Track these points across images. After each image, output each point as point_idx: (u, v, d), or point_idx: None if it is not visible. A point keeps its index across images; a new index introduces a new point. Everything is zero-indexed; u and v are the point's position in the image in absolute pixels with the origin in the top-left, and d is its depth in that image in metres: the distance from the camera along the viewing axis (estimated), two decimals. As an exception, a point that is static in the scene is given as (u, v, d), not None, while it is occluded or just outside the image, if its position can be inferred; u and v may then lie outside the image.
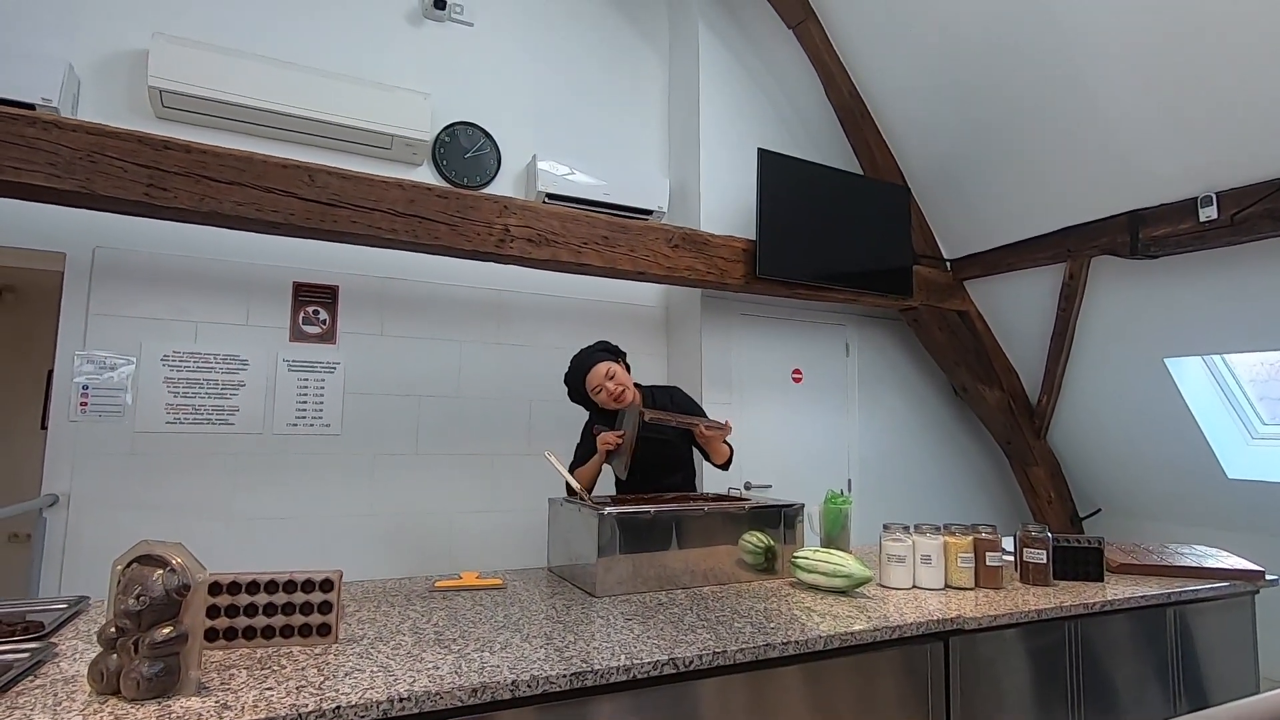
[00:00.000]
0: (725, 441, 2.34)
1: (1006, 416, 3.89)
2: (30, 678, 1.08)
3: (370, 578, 1.92)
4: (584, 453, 2.37)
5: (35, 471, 3.30)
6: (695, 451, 2.45)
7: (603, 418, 2.36)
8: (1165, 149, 2.77)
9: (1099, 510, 3.94)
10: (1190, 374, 3.26)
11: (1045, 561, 1.92)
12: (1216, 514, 3.37)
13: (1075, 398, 3.67)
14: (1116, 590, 1.89)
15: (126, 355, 2.71)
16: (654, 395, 2.44)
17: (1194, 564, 2.08)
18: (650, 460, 2.35)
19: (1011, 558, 2.06)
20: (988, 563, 1.86)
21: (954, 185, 3.58)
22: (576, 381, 2.34)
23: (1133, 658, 1.88)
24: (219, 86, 2.72)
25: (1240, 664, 2.06)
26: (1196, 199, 2.77)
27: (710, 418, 2.31)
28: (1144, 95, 2.68)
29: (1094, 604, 1.78)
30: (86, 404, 2.65)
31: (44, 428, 4.36)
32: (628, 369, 2.38)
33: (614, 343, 2.43)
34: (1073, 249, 3.25)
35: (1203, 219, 2.74)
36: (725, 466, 2.42)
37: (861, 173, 3.81)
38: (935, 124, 3.44)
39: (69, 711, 0.95)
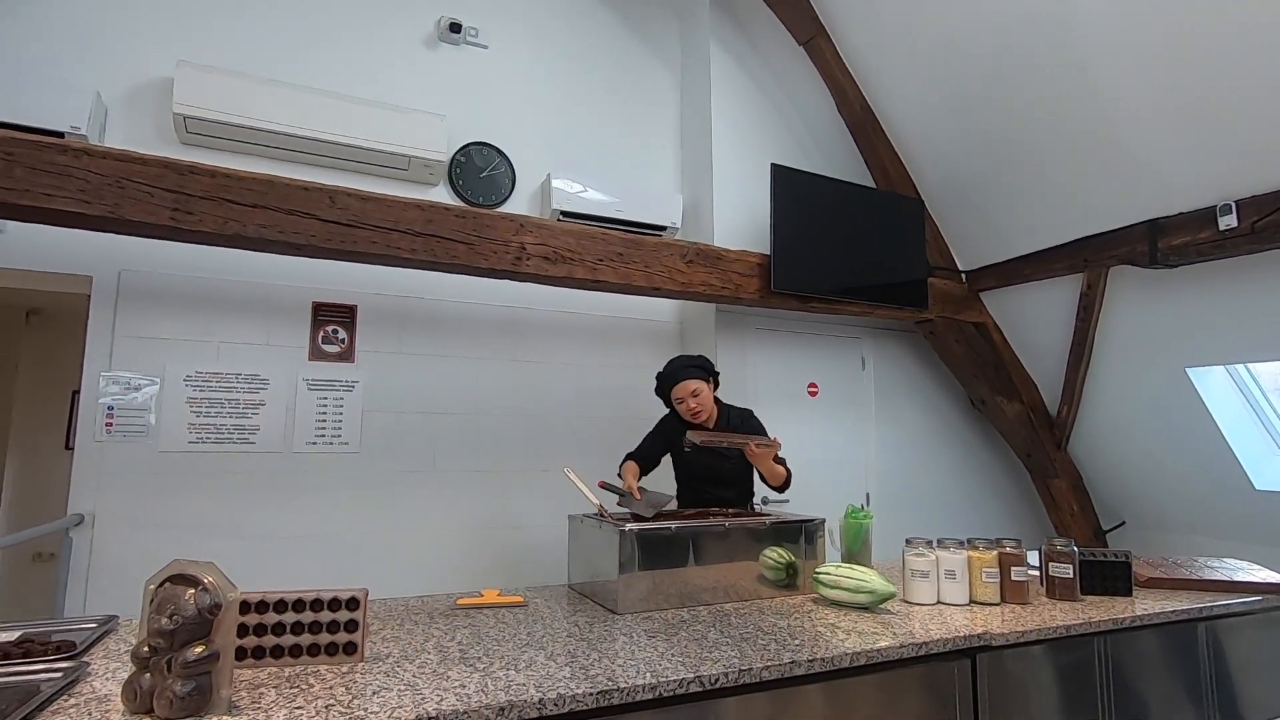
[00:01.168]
0: (783, 464, 2.39)
1: (1026, 429, 3.85)
2: (64, 697, 1.09)
3: (390, 595, 1.92)
4: (648, 444, 2.56)
5: (59, 491, 3.35)
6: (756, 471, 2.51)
7: (678, 420, 2.51)
8: (1182, 157, 2.76)
9: (1123, 523, 3.88)
10: (1214, 384, 3.21)
11: (1072, 576, 1.90)
12: (1245, 526, 3.31)
13: (1096, 409, 3.63)
14: (1146, 605, 1.86)
15: (150, 376, 2.75)
16: (729, 415, 2.53)
17: (1225, 578, 2.04)
18: (705, 474, 2.45)
19: (1037, 572, 2.03)
20: (1013, 577, 1.84)
21: (968, 197, 3.58)
22: (665, 386, 2.49)
23: (1165, 674, 1.84)
24: (241, 112, 2.78)
25: (1276, 681, 2.01)
26: (1215, 207, 2.75)
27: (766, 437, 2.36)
28: (1160, 104, 2.68)
29: (1123, 619, 1.75)
30: (112, 424, 2.69)
31: (69, 448, 4.45)
32: (716, 386, 2.50)
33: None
34: (1090, 259, 3.23)
35: (1222, 227, 2.71)
36: (782, 489, 2.44)
37: (875, 186, 3.82)
38: (948, 136, 3.44)
39: (104, 731, 0.96)
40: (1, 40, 2.66)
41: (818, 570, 1.86)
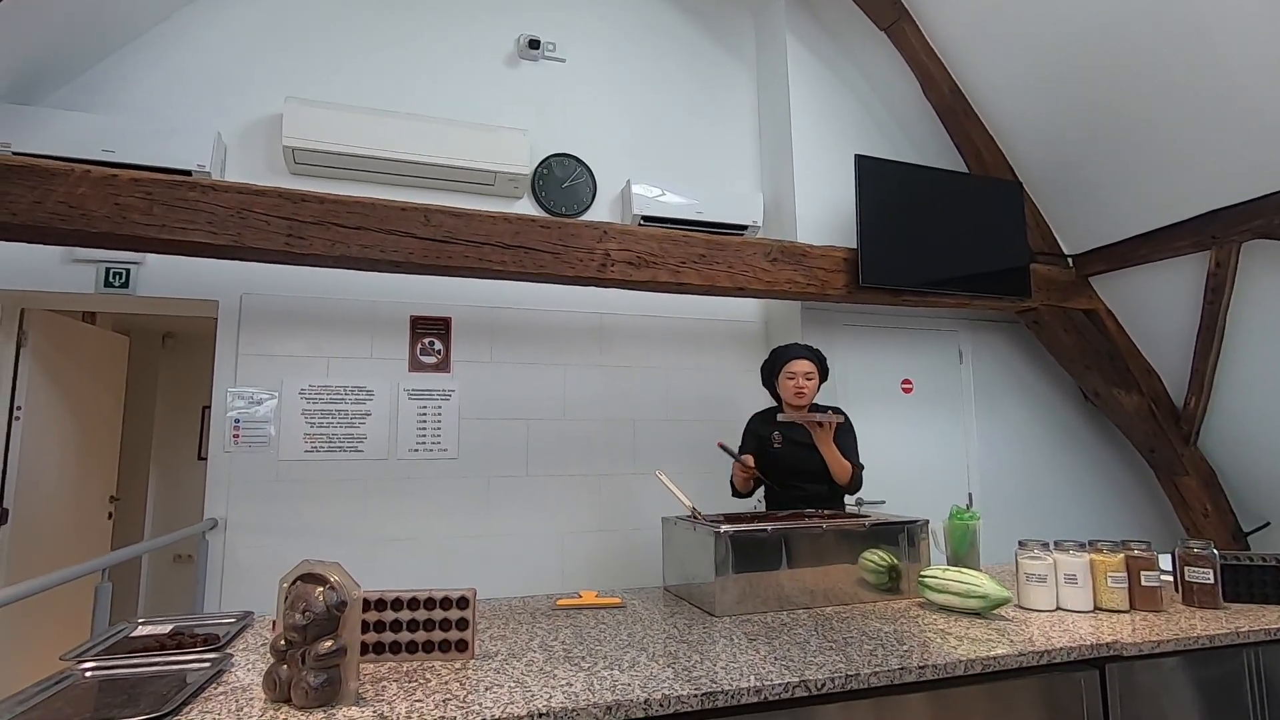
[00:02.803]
0: (856, 465, 2.35)
1: (1148, 423, 3.56)
2: (213, 685, 1.19)
3: (489, 596, 1.99)
4: (744, 450, 2.54)
5: (194, 498, 3.67)
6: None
7: (761, 420, 2.54)
8: (1326, 117, 2.48)
9: (1268, 524, 3.51)
10: (1375, 367, 2.87)
11: (1213, 581, 1.73)
12: None
13: (1230, 399, 3.30)
14: (1304, 615, 1.67)
15: (270, 390, 2.97)
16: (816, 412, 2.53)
17: (1400, 585, 1.81)
18: (793, 467, 2.41)
19: (1171, 578, 1.88)
20: (1143, 583, 1.70)
21: (1073, 176, 3.35)
22: (777, 363, 2.52)
23: (1329, 692, 1.65)
24: (343, 141, 2.96)
25: None
26: (1370, 170, 2.46)
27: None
28: (1296, 61, 2.42)
29: (1277, 630, 1.58)
30: (238, 436, 2.92)
31: (201, 458, 4.87)
32: (818, 387, 2.51)
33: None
34: (1218, 235, 2.95)
35: (1380, 192, 2.42)
36: (849, 489, 2.38)
37: (968, 171, 3.64)
38: (1048, 113, 3.24)
39: (250, 717, 1.05)
40: (136, 92, 2.95)
41: (924, 573, 1.78)
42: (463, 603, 1.35)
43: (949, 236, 3.23)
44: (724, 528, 1.76)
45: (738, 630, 1.57)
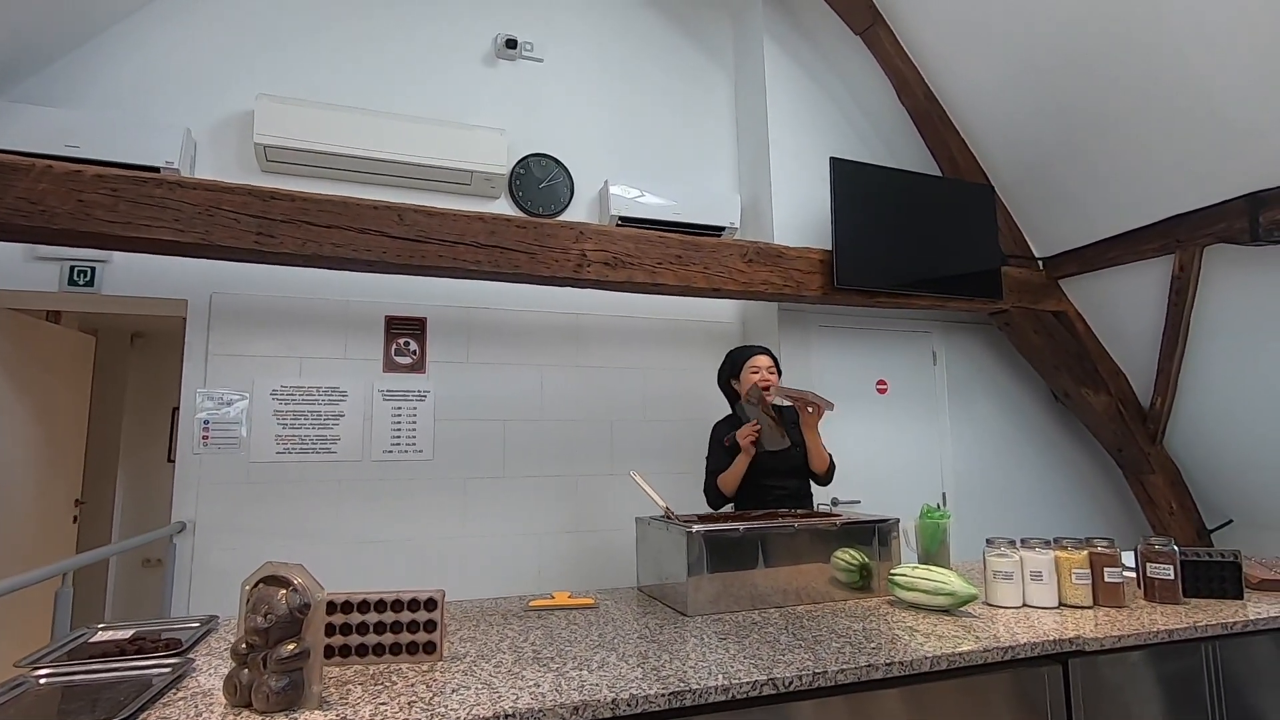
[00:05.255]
0: (829, 454, 2.39)
1: (1116, 423, 3.63)
2: (173, 690, 1.17)
3: (464, 597, 1.98)
4: (716, 462, 2.50)
5: (163, 500, 3.61)
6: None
7: (729, 425, 2.53)
8: (1284, 125, 2.55)
9: (1230, 521, 3.60)
10: (1331, 368, 2.95)
11: (1173, 578, 1.77)
12: (1374, 523, 3.02)
13: (1194, 398, 3.38)
14: (1260, 608, 1.72)
15: (241, 391, 2.93)
16: (781, 412, 2.54)
17: (1352, 579, 1.87)
18: (767, 465, 2.41)
19: (1133, 574, 1.91)
20: (1106, 579, 1.74)
21: (1044, 179, 3.41)
22: (738, 361, 2.54)
23: (1284, 684, 1.69)
24: (316, 138, 2.93)
25: None
26: (1325, 176, 2.53)
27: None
28: (1259, 65, 2.48)
29: (1234, 623, 1.62)
30: (208, 437, 2.87)
31: (170, 460, 4.78)
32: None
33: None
34: (1182, 239, 3.02)
35: (1335, 198, 2.49)
36: (826, 477, 2.43)
37: (941, 175, 3.69)
38: (1020, 117, 3.29)
39: (209, 722, 1.03)
40: (104, 87, 2.89)
41: (893, 572, 1.80)
42: (430, 604, 1.34)
43: (923, 239, 3.27)
44: (696, 527, 1.77)
45: (709, 629, 1.57)
